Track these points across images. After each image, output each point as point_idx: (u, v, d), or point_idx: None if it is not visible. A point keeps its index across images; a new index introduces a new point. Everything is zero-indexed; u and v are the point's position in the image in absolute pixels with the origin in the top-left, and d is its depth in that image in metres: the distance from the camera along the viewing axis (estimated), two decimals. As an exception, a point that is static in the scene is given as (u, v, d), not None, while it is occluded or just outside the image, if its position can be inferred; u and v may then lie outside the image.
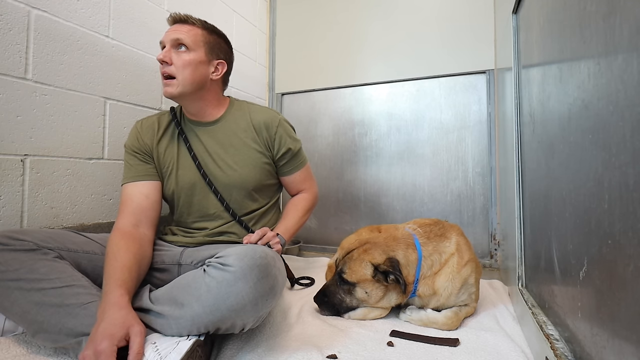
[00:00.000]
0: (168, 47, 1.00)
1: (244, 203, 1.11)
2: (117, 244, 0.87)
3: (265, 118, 1.12)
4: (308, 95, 2.14)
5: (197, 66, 1.01)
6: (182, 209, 1.11)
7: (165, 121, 1.12)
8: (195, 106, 1.08)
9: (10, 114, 0.97)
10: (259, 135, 1.11)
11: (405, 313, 1.05)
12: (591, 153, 0.54)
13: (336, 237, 2.00)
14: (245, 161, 1.09)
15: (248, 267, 0.74)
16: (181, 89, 1.00)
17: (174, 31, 1.00)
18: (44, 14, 1.05)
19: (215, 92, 1.11)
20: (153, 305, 0.77)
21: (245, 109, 1.15)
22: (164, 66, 1.00)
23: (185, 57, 1.00)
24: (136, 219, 0.97)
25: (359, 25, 2.01)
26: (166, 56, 0.99)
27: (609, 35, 0.47)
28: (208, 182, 1.07)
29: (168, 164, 1.08)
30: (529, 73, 1.00)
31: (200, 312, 0.72)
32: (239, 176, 1.08)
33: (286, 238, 1.10)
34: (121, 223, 0.95)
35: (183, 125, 1.12)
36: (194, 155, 1.07)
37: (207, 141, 1.09)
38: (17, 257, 0.77)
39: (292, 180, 1.22)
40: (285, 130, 1.15)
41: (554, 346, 0.66)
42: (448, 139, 1.80)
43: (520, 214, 1.08)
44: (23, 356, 0.81)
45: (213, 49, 1.06)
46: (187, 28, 1.02)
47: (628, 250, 0.42)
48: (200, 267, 0.81)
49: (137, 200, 1.00)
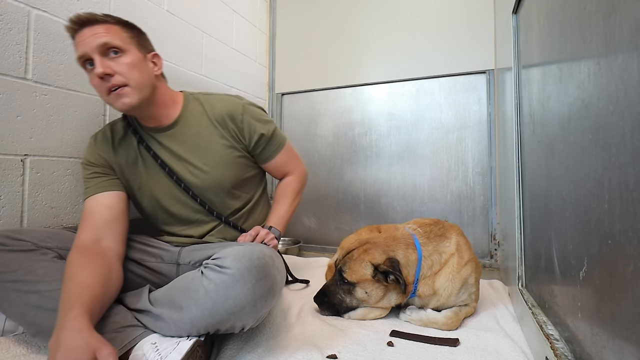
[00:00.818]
0: (98, 58, 0.82)
1: (227, 203, 1.05)
2: (74, 262, 0.77)
3: (227, 108, 1.02)
4: (308, 95, 2.14)
5: (140, 67, 0.89)
6: (163, 220, 1.05)
7: (119, 131, 1.01)
8: (151, 111, 0.96)
9: (10, 114, 0.97)
10: (225, 129, 1.01)
11: (405, 313, 1.05)
12: (591, 153, 0.54)
13: (336, 237, 2.00)
14: (216, 161, 1.00)
15: (246, 268, 0.73)
16: (139, 95, 0.88)
17: (93, 36, 0.82)
18: (44, 14, 1.05)
19: (165, 90, 0.99)
20: (152, 307, 0.77)
21: (204, 102, 1.04)
22: (106, 80, 0.84)
23: (126, 61, 0.85)
24: (98, 233, 0.86)
25: (359, 25, 2.01)
26: (106, 67, 0.83)
27: (609, 35, 0.47)
28: (184, 187, 0.99)
29: (135, 177, 1.00)
30: (529, 73, 1.00)
31: (199, 315, 0.72)
32: (213, 178, 1.00)
33: (280, 228, 1.07)
34: (80, 240, 0.84)
35: (141, 133, 1.01)
36: (161, 162, 0.98)
37: (171, 147, 0.99)
38: (16, 258, 0.77)
39: (275, 165, 1.12)
40: (252, 115, 1.03)
41: (554, 346, 0.66)
42: (448, 139, 1.80)
43: (520, 214, 1.08)
44: (23, 356, 0.81)
45: (140, 43, 0.92)
46: (104, 28, 0.84)
47: (628, 250, 0.42)
48: (198, 268, 0.80)
49: (98, 213, 0.89)
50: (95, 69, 0.83)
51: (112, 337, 0.73)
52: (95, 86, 0.87)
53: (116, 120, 1.05)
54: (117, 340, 0.73)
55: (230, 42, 1.90)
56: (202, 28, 1.70)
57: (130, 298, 0.83)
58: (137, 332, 0.75)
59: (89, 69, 0.86)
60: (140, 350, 0.71)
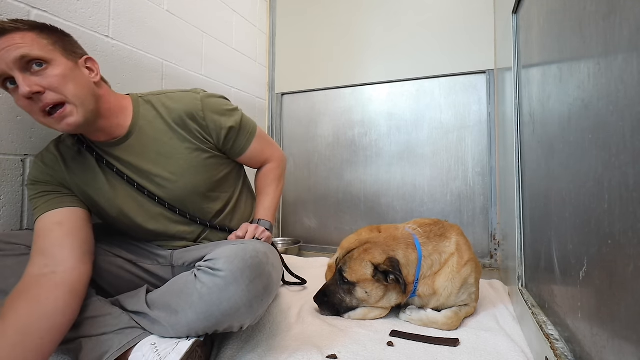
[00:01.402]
0: (19, 75, 0.68)
1: (205, 208, 0.96)
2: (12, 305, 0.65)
3: (184, 107, 0.90)
4: (308, 95, 2.14)
5: (74, 77, 0.75)
6: (145, 237, 0.97)
7: (69, 149, 0.88)
8: (99, 125, 0.83)
9: (10, 114, 0.97)
10: (186, 130, 0.90)
11: (405, 313, 1.05)
12: (591, 153, 0.54)
13: (336, 237, 2.00)
14: (183, 167, 0.90)
15: (239, 269, 0.71)
16: (83, 110, 0.76)
17: (6, 49, 0.67)
18: (44, 14, 1.05)
19: (110, 97, 0.86)
20: (150, 310, 0.77)
21: (156, 105, 0.91)
22: (36, 100, 0.70)
23: (54, 72, 0.71)
24: (46, 258, 0.73)
25: (360, 25, 2.01)
26: (32, 85, 0.69)
27: (609, 35, 0.47)
28: (158, 201, 0.90)
29: (100, 196, 0.88)
30: (529, 73, 1.00)
31: (195, 318, 0.71)
32: (183, 186, 0.91)
33: (270, 219, 1.03)
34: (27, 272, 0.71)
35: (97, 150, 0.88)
36: (128, 178, 0.88)
37: (130, 160, 0.88)
38: (8, 264, 0.75)
39: (250, 156, 1.03)
40: (214, 109, 0.92)
41: (554, 346, 0.66)
42: (448, 139, 1.80)
43: (520, 214, 1.08)
44: (23, 356, 0.81)
45: (67, 49, 0.77)
46: (17, 38, 0.69)
47: (628, 250, 0.42)
48: (192, 270, 0.78)
49: (46, 234, 0.77)
50: (20, 88, 0.68)
51: (110, 338, 0.73)
52: (23, 108, 0.72)
53: (61, 138, 0.91)
54: (116, 341, 0.73)
55: (230, 42, 1.90)
56: (202, 28, 1.70)
57: (128, 300, 0.82)
58: (135, 333, 0.75)
59: (11, 88, 0.71)
60: (139, 351, 0.71)
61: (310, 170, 2.09)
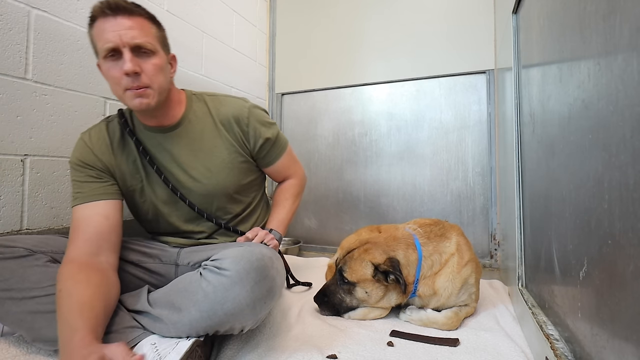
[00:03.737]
0: (129, 54, 0.78)
1: (227, 208, 1.02)
2: (71, 278, 0.73)
3: (233, 111, 0.98)
4: (308, 95, 2.14)
5: (164, 70, 0.86)
6: (164, 228, 1.02)
7: (116, 131, 0.95)
8: (158, 111, 0.91)
9: (10, 114, 0.97)
10: (230, 132, 0.98)
11: (405, 313, 1.05)
12: (591, 153, 0.53)
13: (336, 237, 2.00)
14: (219, 165, 0.97)
15: (244, 270, 0.72)
16: (157, 99, 0.85)
17: (126, 30, 0.78)
18: (44, 14, 1.05)
19: (173, 89, 0.95)
20: (151, 308, 0.77)
21: (209, 103, 0.99)
22: (132, 78, 0.80)
23: (154, 62, 0.83)
24: (95, 247, 0.81)
25: (359, 25, 2.01)
26: (136, 65, 0.79)
27: (609, 35, 0.47)
28: (180, 196, 0.95)
29: (137, 182, 0.95)
30: (529, 73, 1.00)
31: (198, 317, 0.72)
32: (215, 183, 0.97)
33: (281, 231, 1.06)
34: (75, 253, 0.79)
35: (139, 134, 0.95)
36: (157, 169, 0.93)
37: (172, 149, 0.95)
38: (7, 265, 0.76)
39: (277, 169, 1.11)
40: (258, 119, 1.00)
41: (554, 346, 0.66)
42: (448, 139, 1.80)
43: (520, 214, 1.08)
44: (23, 356, 0.81)
45: (165, 43, 0.89)
46: (136, 22, 0.80)
47: (628, 250, 0.42)
48: (197, 270, 0.80)
49: (94, 224, 0.83)
50: (125, 63, 0.78)
51: (110, 337, 0.73)
52: (113, 78, 0.81)
53: (111, 118, 0.98)
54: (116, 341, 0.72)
55: (230, 42, 1.90)
56: (202, 28, 1.70)
57: (129, 299, 0.82)
58: (136, 333, 0.75)
59: (110, 58, 0.79)
60: (140, 350, 0.71)
61: (310, 170, 2.09)
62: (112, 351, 0.61)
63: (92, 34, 0.81)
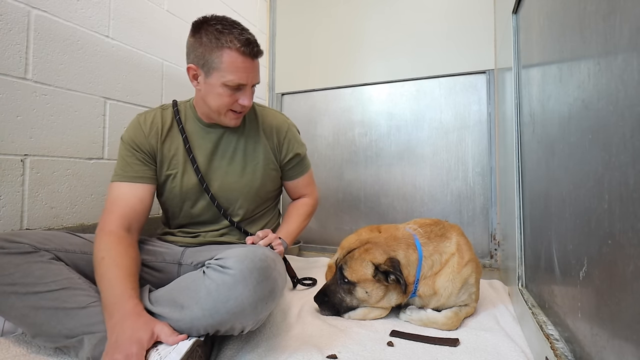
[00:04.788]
0: (249, 91, 0.96)
1: (246, 209, 1.08)
2: (114, 248, 0.82)
3: (276, 122, 1.13)
4: (308, 95, 2.14)
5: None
6: (182, 217, 1.07)
7: (169, 119, 1.04)
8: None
9: (10, 114, 0.97)
10: (269, 139, 1.10)
11: (405, 313, 1.05)
12: (591, 153, 0.54)
13: (336, 237, 2.00)
14: (253, 167, 1.07)
15: (248, 269, 0.73)
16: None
17: (255, 73, 0.96)
18: (44, 14, 1.05)
19: None
20: (153, 306, 0.77)
21: (257, 111, 1.13)
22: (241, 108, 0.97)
23: (253, 94, 0.99)
24: (128, 223, 0.90)
25: (359, 25, 2.01)
26: (250, 99, 0.97)
27: (609, 35, 0.47)
28: (205, 187, 1.02)
29: (172, 169, 1.02)
30: (529, 73, 1.00)
31: (200, 315, 0.72)
32: (245, 182, 1.06)
33: (288, 242, 1.10)
34: (113, 225, 0.87)
35: (187, 124, 1.05)
36: (192, 158, 1.02)
37: (216, 144, 1.05)
38: (12, 260, 0.76)
39: (296, 185, 1.22)
40: (294, 135, 1.16)
41: (554, 346, 0.66)
42: (448, 139, 1.80)
43: (520, 214, 1.08)
44: (23, 356, 0.81)
45: None
46: (258, 65, 0.98)
47: (628, 250, 0.42)
48: (200, 269, 0.80)
49: (130, 204, 0.92)
50: (244, 99, 0.95)
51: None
52: (225, 105, 0.95)
53: (165, 106, 1.08)
54: None
55: (230, 42, 1.90)
56: (202, 28, 1.69)
57: None
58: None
59: (232, 88, 0.93)
60: (140, 350, 0.71)
61: (310, 170, 2.09)
62: (160, 329, 0.69)
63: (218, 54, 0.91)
